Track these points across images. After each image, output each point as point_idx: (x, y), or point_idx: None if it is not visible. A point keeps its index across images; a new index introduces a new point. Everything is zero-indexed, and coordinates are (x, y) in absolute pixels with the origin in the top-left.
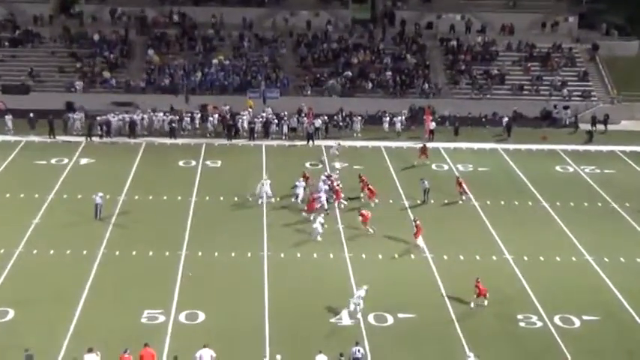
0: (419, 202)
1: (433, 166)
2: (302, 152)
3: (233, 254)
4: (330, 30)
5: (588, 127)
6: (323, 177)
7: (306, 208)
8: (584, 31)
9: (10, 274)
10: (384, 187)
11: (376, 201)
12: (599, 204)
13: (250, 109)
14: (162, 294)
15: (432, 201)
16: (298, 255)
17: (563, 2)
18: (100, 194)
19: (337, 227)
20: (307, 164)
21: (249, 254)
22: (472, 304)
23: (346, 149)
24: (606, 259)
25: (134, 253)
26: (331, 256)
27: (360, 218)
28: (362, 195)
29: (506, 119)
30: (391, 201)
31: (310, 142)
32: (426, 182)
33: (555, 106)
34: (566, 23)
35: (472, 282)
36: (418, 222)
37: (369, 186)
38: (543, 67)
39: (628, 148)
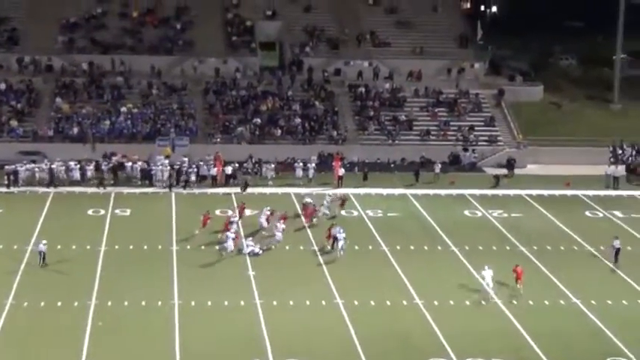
0: (328, 247)
1: (343, 212)
2: (211, 200)
3: (143, 303)
4: (238, 77)
5: (495, 171)
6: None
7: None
8: (490, 77)
9: None
10: (294, 233)
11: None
12: (508, 247)
13: (167, 157)
14: (72, 345)
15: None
16: (209, 303)
17: (469, 49)
18: (44, 241)
19: (247, 274)
20: (217, 212)
21: (159, 303)
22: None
23: (255, 196)
24: (515, 302)
25: (42, 303)
26: (242, 303)
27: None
28: None
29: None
30: (302, 247)
31: (246, 188)
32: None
33: (474, 150)
34: (473, 69)
35: (382, 327)
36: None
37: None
38: (450, 113)
39: (534, 192)
